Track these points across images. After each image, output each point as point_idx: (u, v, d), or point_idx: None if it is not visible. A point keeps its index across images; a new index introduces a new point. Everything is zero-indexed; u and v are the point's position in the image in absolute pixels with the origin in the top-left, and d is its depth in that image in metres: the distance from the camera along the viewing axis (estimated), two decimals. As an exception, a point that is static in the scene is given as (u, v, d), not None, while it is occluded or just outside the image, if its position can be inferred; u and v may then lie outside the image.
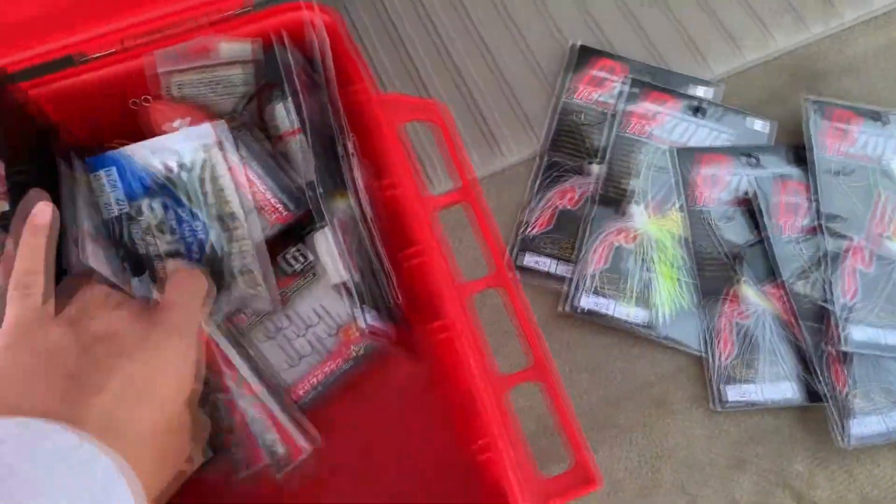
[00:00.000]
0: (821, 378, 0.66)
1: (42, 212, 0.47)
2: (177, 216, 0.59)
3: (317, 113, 0.63)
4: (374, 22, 0.81)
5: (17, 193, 0.53)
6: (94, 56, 0.60)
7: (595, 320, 0.68)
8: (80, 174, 0.60)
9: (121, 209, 0.58)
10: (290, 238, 0.65)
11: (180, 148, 0.58)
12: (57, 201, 0.58)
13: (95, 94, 0.61)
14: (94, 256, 0.56)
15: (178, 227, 0.59)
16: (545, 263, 0.71)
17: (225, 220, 0.60)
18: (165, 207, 0.59)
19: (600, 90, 0.77)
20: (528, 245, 0.71)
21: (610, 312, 0.68)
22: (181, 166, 0.59)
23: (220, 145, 0.58)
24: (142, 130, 0.64)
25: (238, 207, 0.59)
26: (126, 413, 0.38)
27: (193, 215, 0.59)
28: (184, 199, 0.59)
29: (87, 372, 0.38)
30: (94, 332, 0.41)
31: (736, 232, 0.71)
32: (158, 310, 0.46)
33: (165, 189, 0.59)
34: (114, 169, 0.58)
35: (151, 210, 0.59)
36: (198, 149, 0.58)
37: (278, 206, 0.61)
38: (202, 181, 0.59)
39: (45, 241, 0.46)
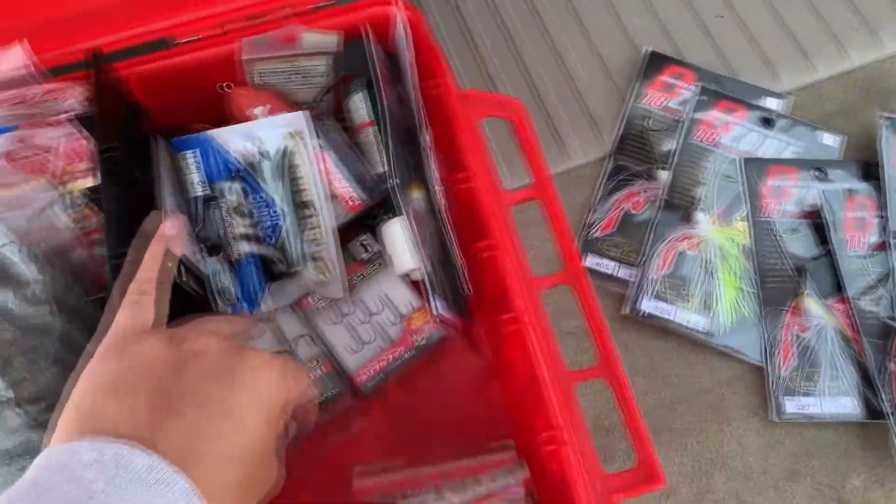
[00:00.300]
0: (883, 395, 0.65)
1: (172, 224, 0.49)
2: (255, 200, 0.61)
3: (394, 105, 0.65)
4: (447, 20, 0.82)
5: (107, 170, 0.55)
6: (184, 40, 0.63)
7: (655, 324, 0.69)
8: (164, 155, 0.62)
9: (203, 190, 0.60)
10: (358, 226, 0.66)
11: (263, 135, 0.60)
12: (146, 180, 0.61)
13: (183, 77, 0.63)
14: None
15: (256, 212, 0.61)
16: (607, 265, 0.71)
17: (300, 207, 0.61)
18: (244, 192, 0.61)
19: (669, 96, 0.77)
20: (591, 246, 0.72)
21: (671, 317, 0.68)
22: (262, 153, 0.60)
23: (301, 134, 0.59)
24: (224, 115, 0.66)
25: (314, 196, 0.61)
26: (209, 437, 0.37)
27: (271, 201, 0.61)
28: (262, 185, 0.61)
29: (176, 391, 0.38)
30: (188, 349, 0.40)
31: (801, 244, 0.71)
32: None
33: (245, 174, 0.61)
34: (198, 151, 0.60)
35: (231, 193, 0.61)
36: (280, 137, 0.60)
37: (352, 195, 0.62)
38: (281, 168, 0.61)
39: (164, 255, 0.47)
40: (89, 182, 0.62)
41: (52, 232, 0.58)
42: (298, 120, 0.59)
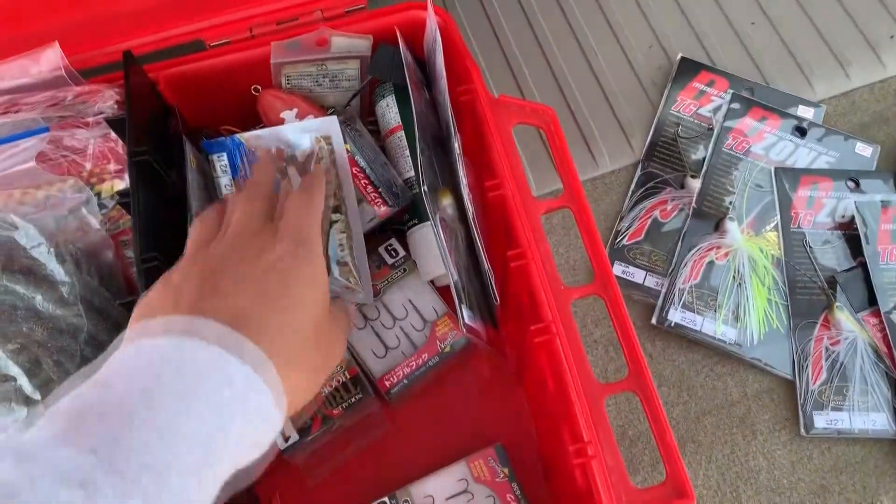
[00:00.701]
0: (915, 411, 0.64)
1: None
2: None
3: (424, 111, 0.64)
4: (476, 24, 0.82)
5: (137, 173, 0.56)
6: (215, 44, 0.63)
7: (683, 334, 0.68)
8: (192, 157, 0.62)
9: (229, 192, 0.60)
10: (384, 231, 0.66)
11: (293, 138, 0.59)
12: (177, 183, 0.61)
13: (213, 80, 0.63)
14: None
15: (283, 215, 0.61)
16: (635, 274, 0.70)
17: (328, 211, 0.61)
18: (273, 195, 0.61)
19: (701, 104, 0.77)
20: (619, 254, 0.71)
21: (699, 328, 0.68)
22: (291, 158, 0.60)
23: (331, 139, 0.59)
24: (253, 118, 0.66)
25: (342, 200, 0.60)
26: (270, 312, 0.39)
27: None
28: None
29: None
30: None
31: (833, 256, 0.70)
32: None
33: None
34: (224, 154, 0.60)
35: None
36: (309, 141, 0.59)
37: (379, 200, 0.62)
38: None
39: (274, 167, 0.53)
40: (119, 184, 0.62)
41: (82, 233, 0.59)
42: (328, 124, 0.58)
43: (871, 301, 0.68)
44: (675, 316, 0.68)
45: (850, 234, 0.71)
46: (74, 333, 0.54)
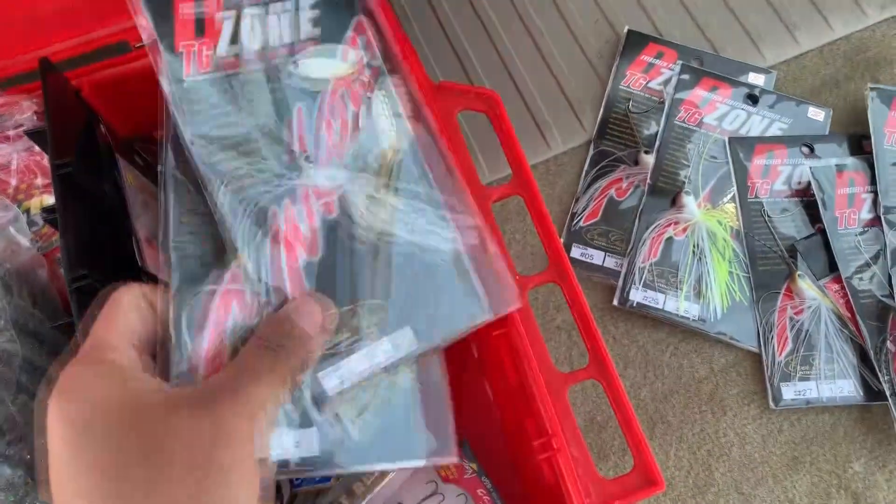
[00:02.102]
0: (881, 376, 0.64)
1: None
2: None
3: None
4: (419, 10, 0.79)
5: (63, 187, 0.52)
6: (140, 44, 0.59)
7: (646, 314, 0.67)
8: (127, 174, 0.59)
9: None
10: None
11: None
12: (104, 198, 0.58)
13: (142, 83, 0.60)
14: (153, 262, 0.56)
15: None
16: (594, 255, 0.69)
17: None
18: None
19: (650, 77, 0.75)
20: (576, 237, 0.70)
21: (661, 306, 0.66)
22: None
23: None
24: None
25: None
26: None
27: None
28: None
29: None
30: None
31: (792, 224, 0.69)
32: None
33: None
34: None
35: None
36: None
37: None
38: None
39: None
40: (49, 199, 0.59)
41: (11, 253, 0.55)
42: None
43: (832, 267, 0.67)
44: (637, 296, 0.67)
45: (808, 200, 0.70)
46: (8, 360, 0.51)
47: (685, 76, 0.74)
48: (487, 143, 0.73)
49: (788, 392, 0.64)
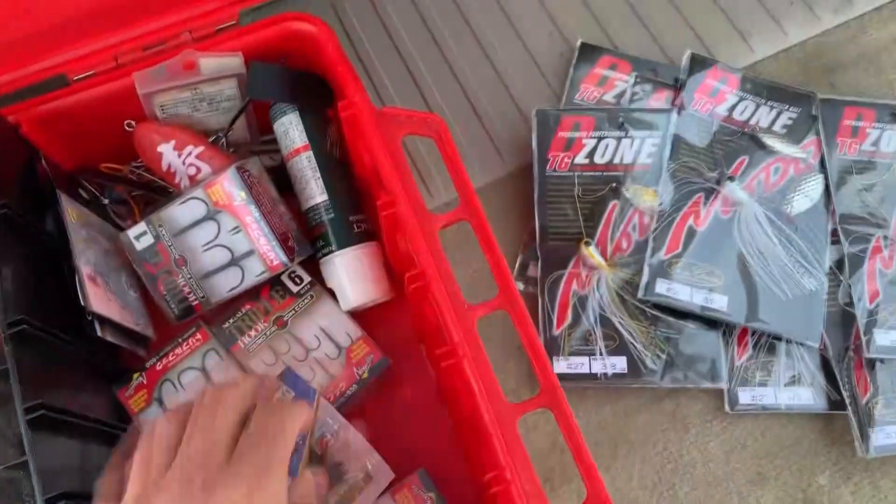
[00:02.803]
0: (842, 385, 0.63)
1: None
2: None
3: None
4: (370, 31, 0.78)
5: (1, 228, 0.51)
6: (79, 77, 0.58)
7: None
8: (70, 210, 0.58)
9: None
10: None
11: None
12: (45, 237, 0.56)
13: (83, 116, 0.59)
14: (97, 300, 0.54)
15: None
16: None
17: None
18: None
19: (605, 90, 0.74)
20: (535, 254, 0.69)
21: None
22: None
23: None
24: (131, 152, 0.62)
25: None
26: None
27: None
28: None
29: None
30: None
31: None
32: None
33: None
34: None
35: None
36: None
37: (272, 255, 0.59)
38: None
39: None
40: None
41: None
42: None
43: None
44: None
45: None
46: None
47: (640, 88, 0.74)
48: (441, 165, 0.72)
49: (744, 397, 0.64)
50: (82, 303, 0.54)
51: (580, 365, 0.64)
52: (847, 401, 0.63)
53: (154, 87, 0.57)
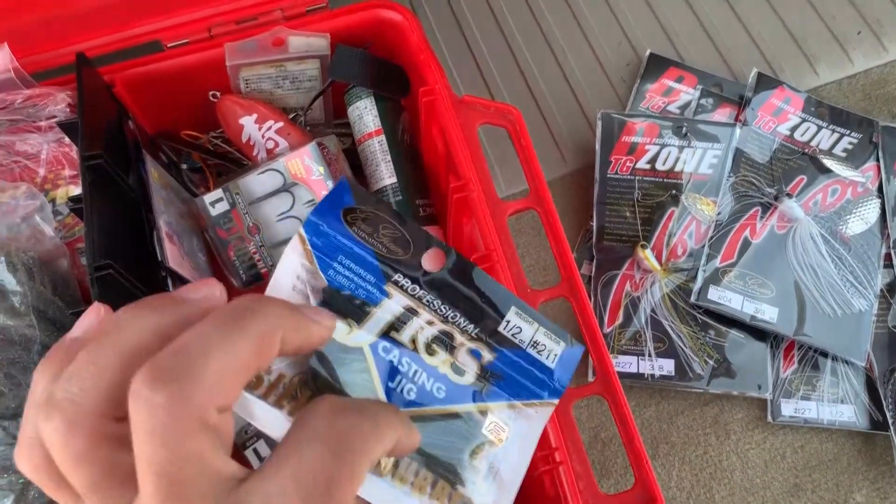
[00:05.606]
0: (887, 406, 0.64)
1: None
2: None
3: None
4: (445, 24, 0.80)
5: (90, 178, 0.54)
6: (172, 44, 0.61)
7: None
8: (154, 171, 0.60)
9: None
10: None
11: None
12: (129, 192, 0.59)
13: (172, 82, 0.61)
14: (173, 258, 0.57)
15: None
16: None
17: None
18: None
19: (669, 100, 0.76)
20: (590, 253, 0.70)
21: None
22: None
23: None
24: (213, 122, 0.65)
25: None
26: None
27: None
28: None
29: None
30: None
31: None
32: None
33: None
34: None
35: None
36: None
37: None
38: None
39: None
40: (75, 190, 0.60)
41: (35, 241, 0.57)
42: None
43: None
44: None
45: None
46: (27, 345, 0.52)
47: (705, 101, 0.75)
48: (509, 156, 0.74)
49: (787, 409, 0.65)
50: (159, 258, 0.56)
51: (628, 364, 0.66)
52: (890, 421, 0.64)
53: (242, 59, 0.60)
